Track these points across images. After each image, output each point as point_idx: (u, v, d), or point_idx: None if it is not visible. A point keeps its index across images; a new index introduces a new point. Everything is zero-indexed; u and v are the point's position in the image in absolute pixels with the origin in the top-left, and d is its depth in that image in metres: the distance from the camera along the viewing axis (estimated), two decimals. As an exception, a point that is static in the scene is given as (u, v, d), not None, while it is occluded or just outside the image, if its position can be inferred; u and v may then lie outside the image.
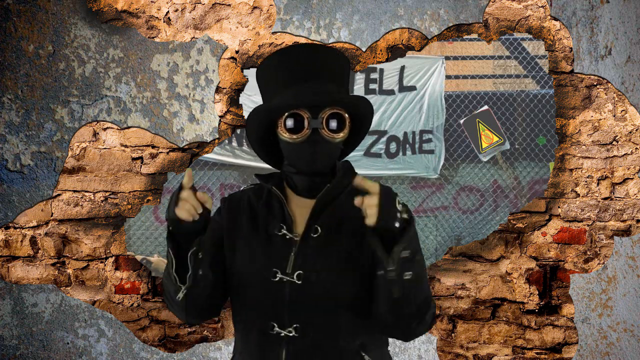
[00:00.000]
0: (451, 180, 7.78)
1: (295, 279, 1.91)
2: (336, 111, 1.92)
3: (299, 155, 1.94)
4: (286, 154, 1.98)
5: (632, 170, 3.21)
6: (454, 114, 7.59)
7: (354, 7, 3.19)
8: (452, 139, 7.62)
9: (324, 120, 1.91)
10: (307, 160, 1.94)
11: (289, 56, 1.96)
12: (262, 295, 1.94)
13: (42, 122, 3.17)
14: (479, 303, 3.36)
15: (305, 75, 1.93)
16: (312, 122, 1.90)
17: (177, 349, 3.31)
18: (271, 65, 1.98)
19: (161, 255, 7.03)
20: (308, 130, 1.91)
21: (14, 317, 3.24)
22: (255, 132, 1.99)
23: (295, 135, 1.91)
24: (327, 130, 1.91)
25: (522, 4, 3.20)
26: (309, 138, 1.91)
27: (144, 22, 3.17)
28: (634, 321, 3.24)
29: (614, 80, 3.18)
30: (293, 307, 1.91)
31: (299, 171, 1.97)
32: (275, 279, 1.92)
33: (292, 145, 1.93)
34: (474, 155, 7.53)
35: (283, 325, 1.91)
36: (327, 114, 1.91)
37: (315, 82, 1.93)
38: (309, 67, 1.94)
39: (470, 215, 7.80)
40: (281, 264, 1.94)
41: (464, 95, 7.74)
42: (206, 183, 7.36)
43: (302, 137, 1.91)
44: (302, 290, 1.91)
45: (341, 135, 1.94)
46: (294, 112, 1.91)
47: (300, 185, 1.99)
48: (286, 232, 1.96)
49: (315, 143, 1.91)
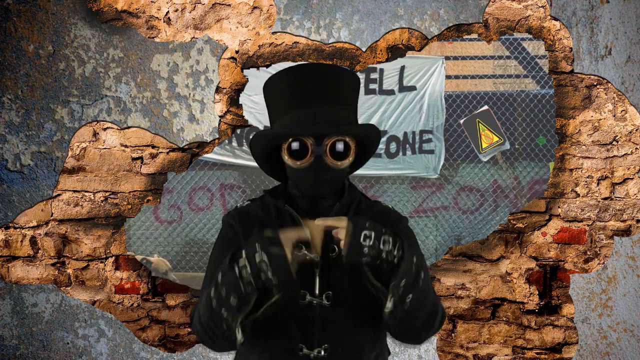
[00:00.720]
0: (451, 180, 7.77)
1: (325, 300, 1.88)
2: (341, 138, 1.88)
3: (302, 180, 1.91)
4: (290, 176, 1.96)
5: (632, 170, 3.21)
6: (454, 114, 7.58)
7: (354, 7, 3.19)
8: (452, 139, 7.61)
9: (328, 148, 1.87)
10: (311, 186, 1.91)
11: (296, 76, 1.91)
12: (289, 318, 1.90)
13: (42, 122, 3.17)
14: (479, 303, 3.36)
15: (311, 99, 1.88)
16: (316, 150, 1.87)
17: (177, 349, 3.31)
18: (279, 83, 1.93)
19: (161, 255, 7.04)
20: (311, 157, 1.87)
21: (14, 317, 3.24)
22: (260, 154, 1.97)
23: (298, 161, 1.88)
24: (330, 157, 1.87)
25: (522, 4, 3.20)
26: (312, 165, 1.88)
27: (144, 22, 3.17)
28: (634, 321, 3.24)
29: (614, 80, 3.18)
30: (323, 329, 1.89)
31: (303, 195, 1.95)
32: (304, 302, 1.89)
33: (296, 170, 1.90)
34: (474, 155, 7.53)
35: (312, 346, 1.89)
36: (331, 141, 1.87)
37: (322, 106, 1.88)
38: (315, 89, 1.89)
39: (470, 215, 7.80)
40: (307, 285, 1.90)
41: (464, 95, 7.74)
42: (206, 183, 7.36)
43: (305, 163, 1.88)
44: (331, 311, 1.89)
45: (346, 162, 1.90)
46: (297, 138, 1.87)
47: (304, 208, 1.96)
48: (306, 252, 1.90)
49: (318, 170, 1.88)
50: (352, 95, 1.95)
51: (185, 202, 7.35)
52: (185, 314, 3.31)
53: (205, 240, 7.41)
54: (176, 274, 6.43)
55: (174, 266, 7.19)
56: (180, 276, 6.60)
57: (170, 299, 3.31)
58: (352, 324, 1.90)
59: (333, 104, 1.89)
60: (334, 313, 1.89)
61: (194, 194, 7.38)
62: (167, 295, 3.31)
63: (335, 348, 1.89)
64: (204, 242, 7.41)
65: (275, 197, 1.99)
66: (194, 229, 7.39)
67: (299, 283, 1.88)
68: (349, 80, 1.93)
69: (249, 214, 2.00)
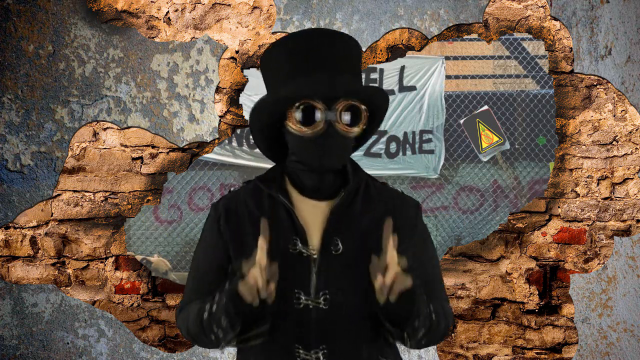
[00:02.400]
0: (451, 180, 7.77)
1: (322, 301, 1.76)
2: (352, 103, 1.74)
3: (309, 150, 1.75)
4: (294, 149, 1.79)
5: (632, 170, 3.21)
6: (454, 114, 7.58)
7: (354, 7, 3.19)
8: (452, 139, 7.61)
9: (339, 112, 1.72)
10: (318, 157, 1.75)
11: (299, 42, 1.77)
12: (285, 320, 1.77)
13: (42, 122, 3.17)
14: (479, 303, 3.36)
15: (319, 63, 1.73)
16: (327, 115, 1.72)
17: (177, 349, 3.31)
18: (280, 51, 1.78)
19: (161, 255, 7.04)
20: (322, 123, 1.72)
21: (14, 317, 3.24)
22: (260, 122, 1.80)
23: (307, 128, 1.73)
24: (342, 123, 1.73)
25: (522, 4, 3.20)
26: (322, 131, 1.72)
27: (144, 22, 3.17)
28: (634, 321, 3.24)
29: (614, 80, 3.18)
30: (320, 331, 1.77)
31: (309, 169, 1.79)
32: (299, 305, 1.76)
33: (303, 139, 1.75)
34: (474, 155, 7.53)
35: (309, 348, 1.77)
36: (342, 105, 1.73)
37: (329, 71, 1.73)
38: (322, 54, 1.74)
39: (470, 215, 7.80)
40: (302, 285, 1.76)
41: (464, 95, 7.74)
42: (206, 183, 7.36)
43: (315, 130, 1.73)
44: (328, 313, 1.77)
45: (356, 129, 1.76)
46: (306, 103, 1.72)
47: (308, 185, 1.81)
48: (302, 248, 1.78)
49: (328, 137, 1.73)
50: (357, 62, 1.81)
51: (185, 202, 7.35)
52: (185, 314, 3.31)
53: (205, 240, 7.39)
54: (176, 274, 6.42)
55: (174, 266, 7.19)
56: (180, 276, 6.59)
57: (170, 299, 3.31)
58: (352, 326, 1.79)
59: (341, 69, 1.75)
60: (332, 316, 1.77)
61: (194, 194, 7.38)
62: (167, 295, 3.31)
63: (333, 351, 1.77)
64: (204, 242, 7.39)
65: (268, 185, 1.82)
66: (194, 229, 7.39)
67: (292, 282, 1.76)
68: (352, 46, 1.80)
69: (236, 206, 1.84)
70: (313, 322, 1.77)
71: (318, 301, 1.76)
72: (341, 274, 1.78)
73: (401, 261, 1.64)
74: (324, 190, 1.81)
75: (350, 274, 1.78)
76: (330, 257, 1.78)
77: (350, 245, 1.79)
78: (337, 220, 1.80)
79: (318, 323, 1.77)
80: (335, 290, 1.77)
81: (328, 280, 1.77)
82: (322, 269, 1.77)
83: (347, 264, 1.78)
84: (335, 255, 1.78)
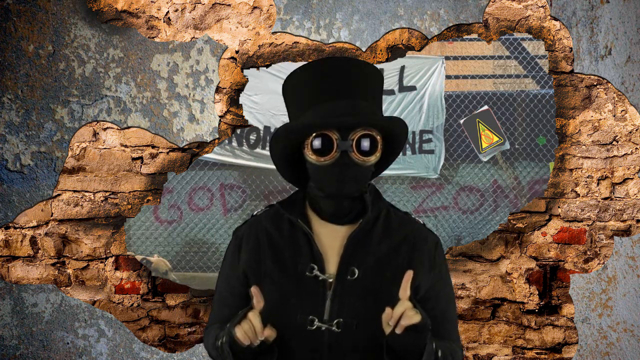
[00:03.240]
0: (451, 180, 7.77)
1: (335, 327, 1.77)
2: (368, 132, 1.76)
3: (326, 178, 1.79)
4: (313, 176, 1.83)
5: (632, 170, 3.21)
6: (454, 114, 7.58)
7: (354, 7, 3.19)
8: (452, 139, 7.61)
9: (354, 142, 1.75)
10: (335, 185, 1.78)
11: (318, 70, 1.81)
12: (298, 344, 1.79)
13: (42, 122, 3.17)
14: (479, 303, 3.36)
15: (335, 92, 1.77)
16: (341, 144, 1.74)
17: (177, 349, 3.31)
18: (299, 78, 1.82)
19: (161, 255, 7.04)
20: (336, 152, 1.75)
21: (14, 317, 3.24)
22: (279, 151, 1.84)
23: (322, 157, 1.76)
24: (357, 153, 1.76)
25: (522, 4, 3.20)
26: (338, 161, 1.76)
27: (144, 22, 3.17)
28: (634, 321, 3.24)
29: (614, 80, 3.18)
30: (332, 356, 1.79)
31: (326, 195, 1.82)
32: (312, 328, 1.78)
33: (319, 167, 1.78)
34: (474, 155, 7.53)
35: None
36: (357, 135, 1.75)
37: (346, 99, 1.77)
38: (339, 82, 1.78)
39: (470, 215, 7.80)
40: (317, 309, 1.79)
41: (464, 95, 7.74)
42: (206, 183, 7.36)
43: (330, 160, 1.76)
44: (342, 338, 1.78)
45: (372, 158, 1.78)
46: (321, 133, 1.75)
47: (326, 211, 1.84)
48: (318, 273, 1.80)
49: (343, 166, 1.76)
50: (376, 90, 1.84)
51: (185, 202, 7.35)
52: (185, 314, 3.31)
53: (205, 240, 7.41)
54: (176, 274, 6.43)
55: (174, 266, 7.19)
56: (180, 276, 6.60)
57: (170, 299, 3.31)
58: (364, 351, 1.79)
59: (357, 98, 1.78)
60: (345, 341, 1.78)
61: (194, 194, 7.38)
62: (167, 295, 3.31)
63: None
64: (204, 242, 7.41)
65: (289, 209, 1.87)
66: (194, 229, 7.39)
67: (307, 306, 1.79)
68: (372, 73, 1.82)
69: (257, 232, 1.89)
70: (325, 345, 1.78)
71: (331, 326, 1.78)
72: (356, 300, 1.79)
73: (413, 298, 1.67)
74: (342, 216, 1.84)
75: (365, 301, 1.79)
76: (345, 283, 1.80)
77: (367, 273, 1.81)
78: (354, 247, 1.82)
79: (330, 347, 1.78)
80: (349, 316, 1.78)
81: (343, 305, 1.79)
82: (337, 295, 1.79)
83: (363, 291, 1.80)
84: (350, 282, 1.80)
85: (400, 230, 1.88)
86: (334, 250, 1.83)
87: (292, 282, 1.80)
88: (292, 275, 1.80)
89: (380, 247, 1.84)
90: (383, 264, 1.82)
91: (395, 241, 1.86)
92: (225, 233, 7.34)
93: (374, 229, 1.85)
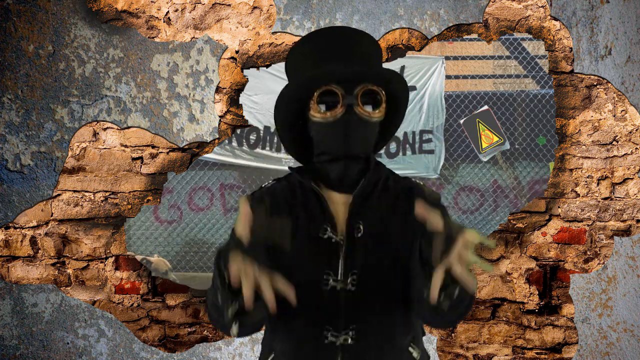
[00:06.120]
0: (451, 180, 7.78)
1: (350, 284, 1.79)
2: (371, 87, 1.77)
3: (332, 136, 1.79)
4: (318, 138, 1.83)
5: (632, 170, 3.21)
6: (454, 114, 7.58)
7: (354, 7, 3.19)
8: (452, 139, 7.62)
9: (359, 96, 1.76)
10: (341, 142, 1.79)
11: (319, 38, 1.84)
12: (314, 303, 1.79)
13: (42, 122, 3.17)
14: (479, 303, 3.36)
15: (337, 54, 1.79)
16: (346, 98, 1.76)
17: (177, 349, 3.31)
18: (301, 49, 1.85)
19: (161, 255, 7.04)
20: (342, 107, 1.76)
21: (14, 317, 3.24)
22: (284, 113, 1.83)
23: (328, 112, 1.77)
24: (362, 107, 1.77)
25: (522, 4, 3.20)
26: (343, 116, 1.76)
27: (144, 22, 3.17)
28: (634, 321, 3.24)
29: (614, 80, 3.18)
30: (348, 313, 1.80)
31: (333, 157, 1.82)
32: (327, 287, 1.79)
33: (325, 126, 1.79)
34: (474, 155, 7.53)
35: (338, 331, 1.79)
36: (362, 89, 1.77)
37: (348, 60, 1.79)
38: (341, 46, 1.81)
39: (470, 215, 7.80)
40: (331, 269, 1.80)
41: (464, 95, 7.74)
42: (206, 183, 7.36)
43: (336, 115, 1.77)
44: (356, 295, 1.79)
45: (377, 113, 1.79)
46: (326, 89, 1.76)
47: (333, 175, 1.84)
48: (331, 234, 1.81)
49: (349, 122, 1.77)
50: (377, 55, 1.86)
51: (185, 202, 7.35)
52: (185, 314, 3.31)
53: (205, 241, 7.41)
54: (176, 274, 6.43)
55: (174, 266, 7.19)
56: (180, 276, 6.60)
57: (170, 299, 3.31)
58: (381, 308, 1.80)
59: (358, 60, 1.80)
60: (361, 297, 1.79)
61: (194, 194, 7.38)
62: (167, 295, 3.31)
63: (363, 333, 1.79)
64: (204, 242, 7.41)
65: (301, 175, 1.88)
66: (194, 229, 7.39)
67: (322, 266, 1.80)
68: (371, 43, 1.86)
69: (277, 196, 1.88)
70: (342, 304, 1.80)
71: (346, 283, 1.80)
72: (366, 256, 1.82)
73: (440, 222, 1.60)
74: (348, 180, 1.84)
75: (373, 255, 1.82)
76: (355, 241, 1.82)
77: (373, 231, 1.83)
78: (358, 207, 1.84)
79: (347, 306, 1.80)
80: (363, 272, 1.80)
81: (354, 262, 1.81)
82: (348, 253, 1.81)
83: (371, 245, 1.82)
84: (357, 239, 1.82)
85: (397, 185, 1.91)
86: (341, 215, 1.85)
87: (306, 243, 1.81)
88: (307, 237, 1.82)
89: (380, 203, 1.86)
90: (385, 218, 1.85)
91: (393, 195, 1.89)
92: (225, 233, 7.35)
93: (375, 189, 1.88)
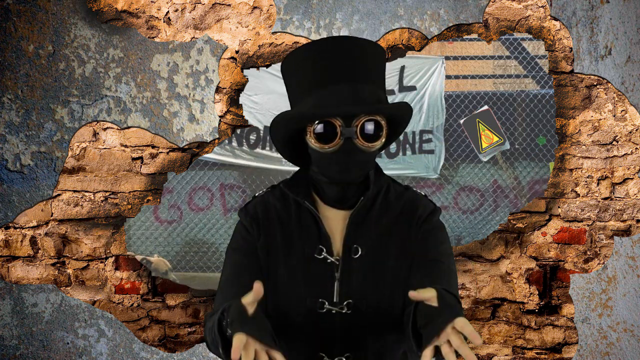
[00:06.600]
0: (451, 180, 7.78)
1: (345, 308, 1.76)
2: (372, 117, 1.71)
3: (330, 165, 1.75)
4: (316, 162, 1.79)
5: (632, 170, 3.21)
6: (454, 114, 7.58)
7: (354, 7, 3.19)
8: (452, 139, 7.62)
9: (359, 128, 1.70)
10: (339, 172, 1.75)
11: (318, 51, 1.73)
12: (308, 327, 1.76)
13: (42, 122, 3.17)
14: (479, 303, 3.36)
15: (337, 75, 1.70)
16: (345, 131, 1.70)
17: (177, 349, 3.31)
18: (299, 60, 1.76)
19: (161, 255, 7.04)
20: (340, 139, 1.71)
21: (14, 317, 3.24)
22: (282, 138, 1.79)
23: (326, 145, 1.71)
24: (361, 139, 1.71)
25: (522, 4, 3.20)
26: (341, 148, 1.71)
27: (144, 22, 3.17)
28: (634, 321, 3.24)
29: (614, 80, 3.18)
30: (344, 337, 1.77)
31: (330, 181, 1.79)
32: (322, 310, 1.76)
33: (322, 154, 1.74)
34: (474, 155, 7.53)
35: (332, 355, 1.77)
36: (362, 121, 1.70)
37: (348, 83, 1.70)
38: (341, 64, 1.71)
39: (470, 215, 7.80)
40: (326, 292, 1.76)
41: (464, 95, 7.74)
42: (206, 183, 7.36)
43: (334, 147, 1.71)
44: (352, 319, 1.76)
45: (377, 144, 1.74)
46: (324, 120, 1.70)
47: (330, 196, 1.81)
48: (327, 255, 1.77)
49: (348, 153, 1.72)
50: (379, 70, 1.77)
51: (185, 202, 7.35)
52: (185, 314, 3.31)
53: (205, 240, 7.41)
54: (176, 274, 6.42)
55: (174, 266, 7.19)
56: (180, 276, 6.60)
57: (170, 299, 3.31)
58: (375, 330, 1.77)
59: (360, 81, 1.71)
60: (356, 320, 1.76)
61: (194, 194, 7.38)
62: (167, 295, 3.31)
63: (358, 355, 1.77)
64: (204, 242, 7.41)
65: (295, 191, 1.82)
66: (194, 229, 7.39)
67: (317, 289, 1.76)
68: (373, 53, 1.76)
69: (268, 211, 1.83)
70: (337, 328, 1.77)
71: (342, 306, 1.76)
72: (363, 279, 1.77)
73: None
74: (346, 200, 1.81)
75: (371, 278, 1.78)
76: (351, 262, 1.78)
77: (370, 249, 1.79)
78: (356, 226, 1.80)
79: (342, 329, 1.77)
80: (359, 296, 1.76)
81: (350, 286, 1.77)
82: (344, 275, 1.77)
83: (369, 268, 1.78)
84: (355, 260, 1.78)
85: (398, 202, 1.85)
86: (338, 232, 1.81)
87: (301, 265, 1.77)
88: (301, 258, 1.78)
89: (380, 222, 1.82)
90: (385, 239, 1.80)
91: (394, 214, 1.83)
92: (225, 233, 7.34)
93: (374, 205, 1.83)
